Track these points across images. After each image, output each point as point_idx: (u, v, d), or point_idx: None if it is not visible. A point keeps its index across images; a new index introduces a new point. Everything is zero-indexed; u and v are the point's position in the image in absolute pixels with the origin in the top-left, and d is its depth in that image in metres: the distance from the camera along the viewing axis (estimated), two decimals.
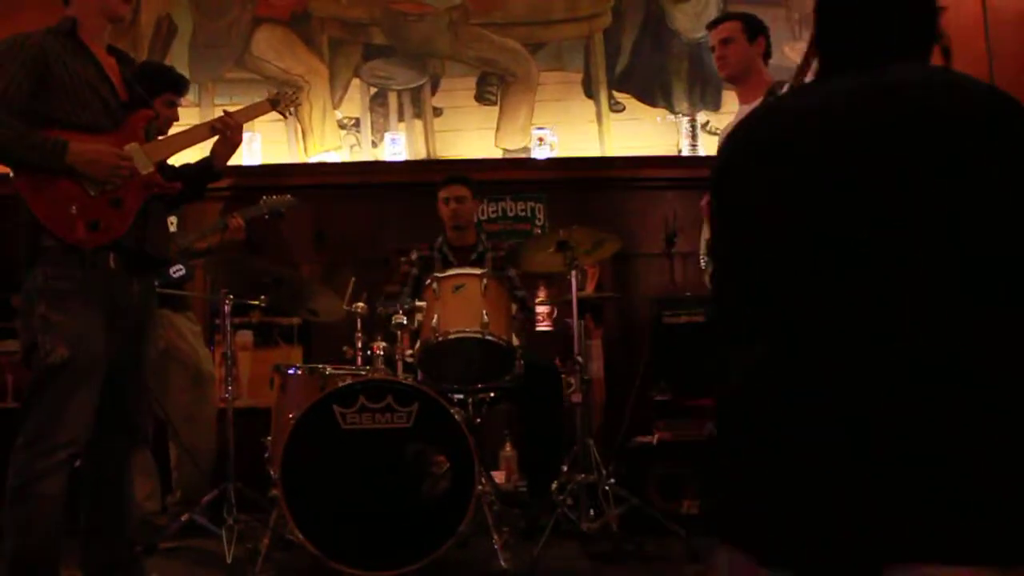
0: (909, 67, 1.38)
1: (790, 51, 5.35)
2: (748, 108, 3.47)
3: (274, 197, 4.20)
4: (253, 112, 3.20)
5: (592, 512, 3.61)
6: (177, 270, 4.04)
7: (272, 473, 3.32)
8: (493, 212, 5.09)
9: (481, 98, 5.33)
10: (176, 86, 3.72)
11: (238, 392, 4.50)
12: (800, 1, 5.54)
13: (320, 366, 3.55)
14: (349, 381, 3.30)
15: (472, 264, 4.11)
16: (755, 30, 3.55)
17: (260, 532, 3.40)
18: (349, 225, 5.04)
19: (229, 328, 3.73)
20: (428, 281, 3.56)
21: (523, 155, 5.21)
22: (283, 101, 3.21)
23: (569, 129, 5.26)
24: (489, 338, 3.40)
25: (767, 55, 3.59)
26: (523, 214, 5.11)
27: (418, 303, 3.53)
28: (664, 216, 4.90)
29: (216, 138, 3.02)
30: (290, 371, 3.63)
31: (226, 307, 3.71)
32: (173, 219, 3.99)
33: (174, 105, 3.69)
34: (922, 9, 1.43)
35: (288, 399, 3.55)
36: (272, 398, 3.64)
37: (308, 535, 3.09)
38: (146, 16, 5.29)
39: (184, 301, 4.18)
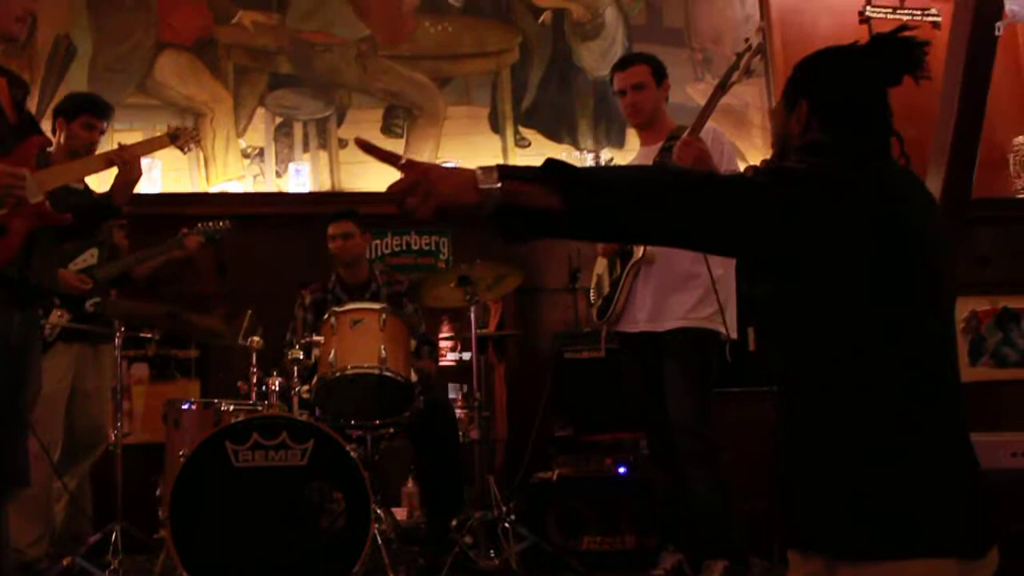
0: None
1: (692, 91, 5.49)
2: (649, 151, 3.54)
3: (210, 223, 4.09)
4: (150, 147, 3.13)
5: (492, 550, 3.60)
6: (93, 303, 3.89)
7: (160, 513, 3.22)
8: (398, 246, 5.07)
9: (387, 130, 5.32)
10: (94, 108, 3.65)
11: (131, 427, 4.37)
12: (702, 42, 5.70)
13: (215, 401, 3.47)
14: (242, 417, 3.23)
15: (367, 301, 4.06)
16: (661, 74, 3.61)
17: None
18: (252, 257, 4.95)
19: (119, 361, 3.62)
20: (326, 315, 3.52)
21: None
22: (182, 136, 3.15)
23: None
24: (387, 374, 3.38)
25: (667, 98, 3.67)
26: (428, 248, 5.10)
27: (315, 337, 3.48)
28: (568, 252, 4.94)
29: (115, 170, 2.94)
30: (183, 406, 3.54)
31: (117, 340, 3.60)
32: (94, 251, 3.87)
33: (93, 128, 3.62)
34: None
35: (181, 435, 3.46)
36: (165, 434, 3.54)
37: None
38: (43, 35, 5.13)
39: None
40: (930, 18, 5.91)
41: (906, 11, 5.94)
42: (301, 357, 3.48)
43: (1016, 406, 5.19)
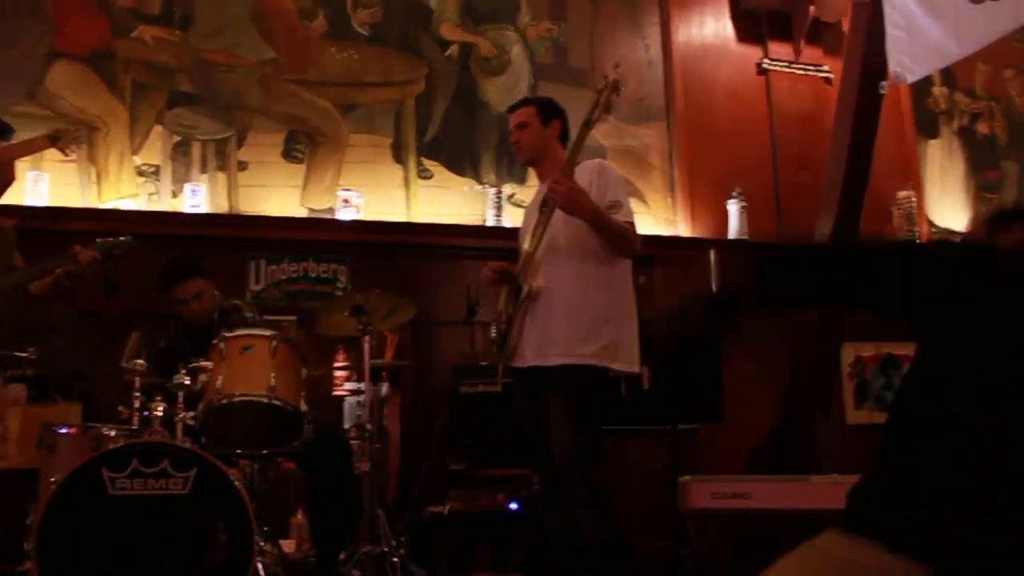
0: None
1: (594, 131, 5.56)
2: (542, 188, 3.58)
3: (109, 239, 3.89)
4: (28, 148, 3.02)
5: None
6: None
7: (26, 545, 3.05)
8: (295, 272, 4.98)
9: (288, 155, 5.24)
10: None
11: (3, 451, 4.15)
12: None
13: (95, 425, 3.33)
14: (122, 443, 3.11)
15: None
16: (549, 113, 3.64)
17: None
18: (142, 277, 4.78)
19: None
20: (215, 340, 3.43)
21: (328, 216, 5.15)
22: (64, 138, 3.05)
23: (376, 193, 5.25)
24: (276, 402, 3.30)
25: (564, 136, 3.71)
26: (325, 276, 5.03)
27: (203, 362, 3.38)
28: (467, 285, 4.94)
29: None
30: (60, 430, 3.39)
31: None
32: None
33: None
34: None
35: (57, 461, 3.30)
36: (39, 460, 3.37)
37: None
38: None
39: None
40: (822, 74, 6.19)
41: (800, 66, 6.20)
42: (187, 382, 3.37)
43: None
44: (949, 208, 6.51)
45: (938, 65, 5.09)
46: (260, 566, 3.13)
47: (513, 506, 3.94)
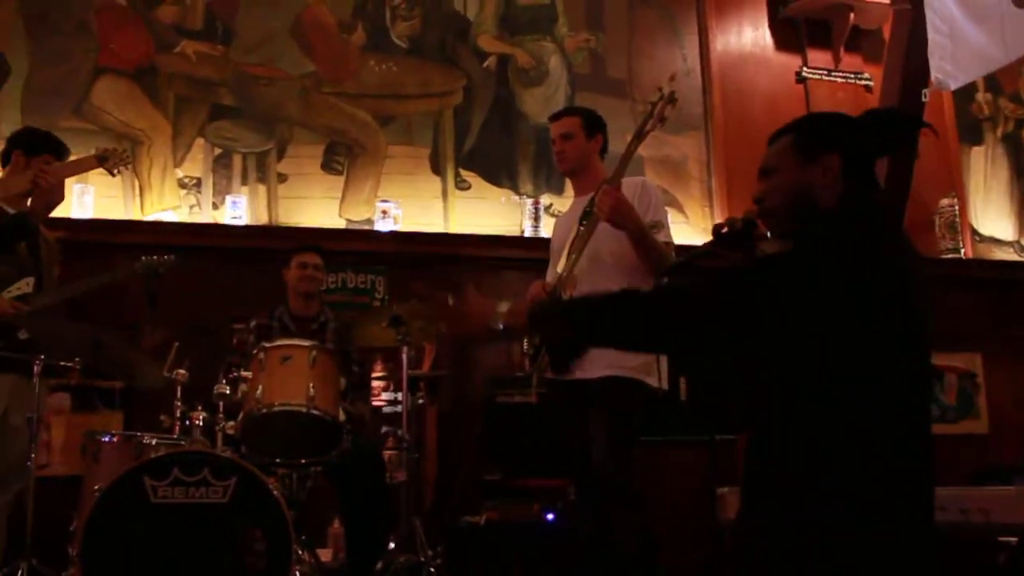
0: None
1: None
2: (582, 200, 3.58)
3: (153, 257, 3.98)
4: (78, 167, 3.09)
5: None
6: (24, 332, 3.75)
7: (71, 551, 3.10)
8: (333, 283, 5.02)
9: (327, 167, 5.29)
10: (57, 149, 3.60)
11: (48, 459, 4.23)
12: (644, 94, 5.79)
13: (137, 434, 3.38)
14: (163, 452, 3.15)
15: (312, 335, 4.01)
16: (594, 127, 3.65)
17: None
18: (184, 288, 4.85)
19: (38, 390, 3.50)
20: (255, 351, 3.47)
21: (367, 227, 5.18)
22: (112, 159, 3.11)
23: (414, 204, 5.29)
24: (315, 412, 3.33)
25: (604, 150, 3.71)
26: (363, 286, 5.07)
27: (243, 373, 3.42)
28: (503, 296, 4.94)
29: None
30: (103, 438, 3.44)
31: (36, 368, 3.48)
32: (30, 280, 3.74)
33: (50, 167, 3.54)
34: None
35: (100, 469, 3.35)
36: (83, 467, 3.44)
37: None
38: None
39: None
40: (862, 82, 6.12)
41: (840, 74, 6.15)
42: (227, 392, 3.41)
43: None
44: (993, 216, 6.41)
45: (983, 71, 5.02)
46: (298, 575, 3.15)
47: (549, 516, 3.94)
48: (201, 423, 3.36)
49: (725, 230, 2.06)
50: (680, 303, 1.87)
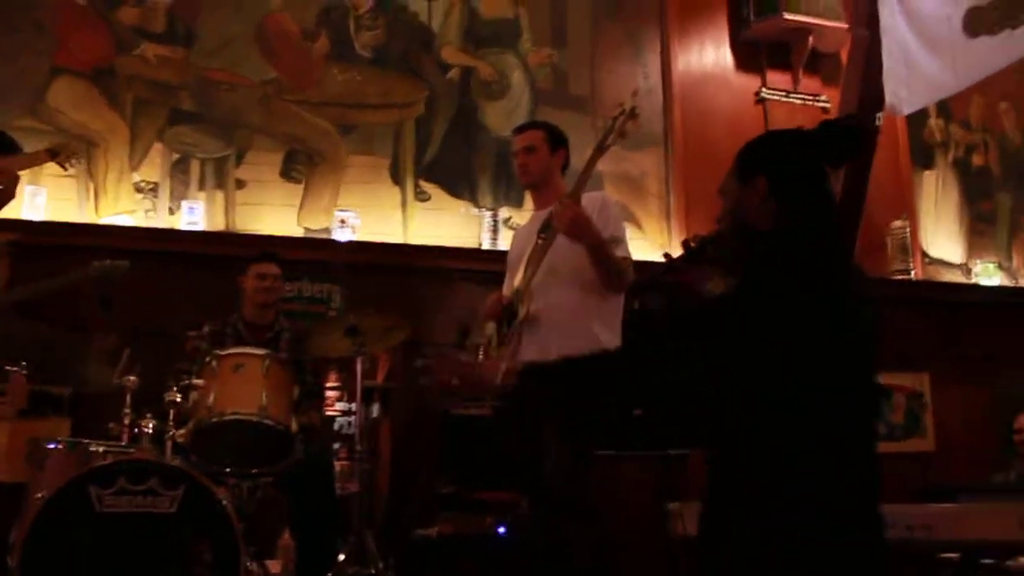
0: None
1: None
2: (541, 214, 3.59)
3: (107, 262, 3.92)
4: (29, 161, 3.04)
5: None
6: None
7: (9, 561, 3.04)
8: (289, 292, 4.96)
9: (287, 175, 5.26)
10: (9, 147, 3.51)
11: None
12: (604, 111, 5.83)
13: (84, 441, 3.32)
14: (110, 460, 3.10)
15: (267, 343, 3.96)
16: (557, 141, 3.67)
17: None
18: (138, 293, 4.78)
19: None
20: (207, 358, 3.44)
21: (325, 236, 5.16)
22: (63, 152, 3.06)
23: (373, 214, 5.27)
24: (267, 421, 3.30)
25: (565, 166, 3.73)
26: (319, 296, 5.03)
27: (195, 380, 3.39)
28: (459, 307, 4.95)
29: None
30: (49, 445, 3.38)
31: None
32: None
33: None
34: None
35: (44, 476, 3.29)
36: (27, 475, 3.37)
37: None
38: None
39: None
40: (820, 104, 6.22)
41: (798, 96, 6.24)
42: (178, 399, 3.37)
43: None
44: (943, 239, 6.54)
45: (935, 98, 5.15)
46: None
47: (501, 530, 3.94)
48: (151, 431, 3.32)
49: (691, 245, 2.14)
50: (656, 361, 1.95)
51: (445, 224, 5.40)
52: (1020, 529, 3.28)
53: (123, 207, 5.02)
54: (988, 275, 6.44)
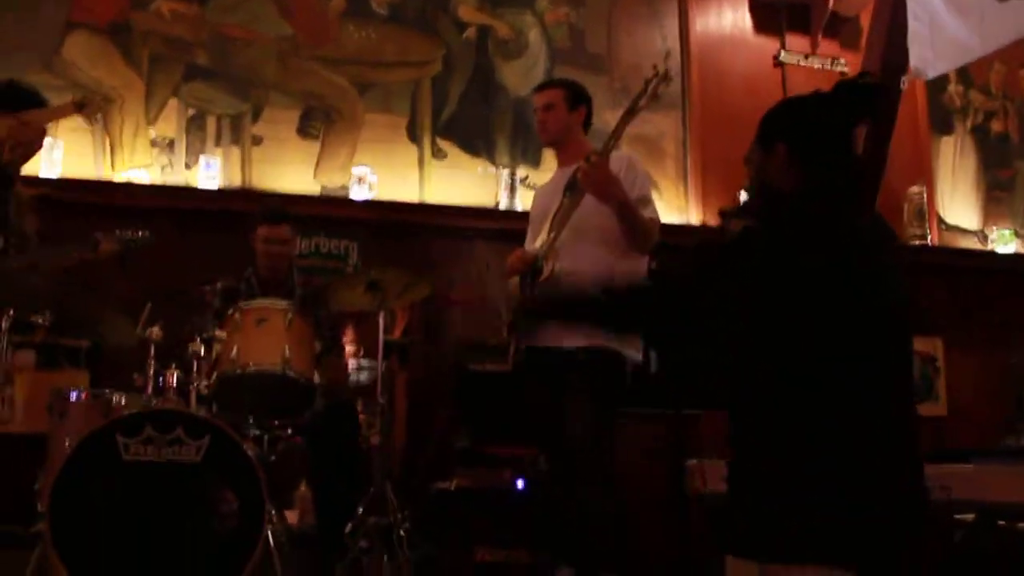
0: None
1: (609, 117, 5.56)
2: (565, 171, 3.59)
3: (129, 233, 3.89)
4: (56, 114, 3.04)
5: (386, 557, 3.55)
6: None
7: (39, 507, 3.07)
8: (306, 248, 4.99)
9: (303, 132, 5.25)
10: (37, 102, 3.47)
11: (11, 416, 4.17)
12: (622, 71, 5.81)
13: (106, 391, 3.34)
14: (136, 410, 3.12)
15: (275, 298, 3.95)
16: (577, 98, 3.66)
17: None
18: (155, 249, 4.79)
19: (4, 345, 3.45)
20: (231, 311, 3.44)
21: (342, 193, 5.15)
22: (90, 105, 3.05)
23: (390, 172, 5.26)
24: (290, 374, 3.32)
25: (587, 123, 3.72)
26: (336, 252, 5.04)
27: (218, 333, 3.40)
28: (479, 265, 4.97)
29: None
30: (71, 395, 3.39)
31: (3, 323, 3.43)
32: None
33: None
34: None
35: (67, 426, 3.30)
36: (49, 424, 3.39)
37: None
38: None
39: None
40: (839, 67, 6.18)
41: (817, 59, 6.20)
42: (202, 351, 3.38)
43: None
44: (960, 205, 6.51)
45: (960, 62, 5.09)
46: (270, 535, 3.15)
47: (519, 484, 3.97)
48: (175, 382, 3.34)
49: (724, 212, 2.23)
50: (660, 297, 1.93)
51: (462, 183, 5.39)
52: None
53: (139, 162, 5.02)
54: (1004, 242, 6.41)
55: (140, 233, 3.84)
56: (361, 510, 3.61)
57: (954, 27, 4.49)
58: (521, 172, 5.45)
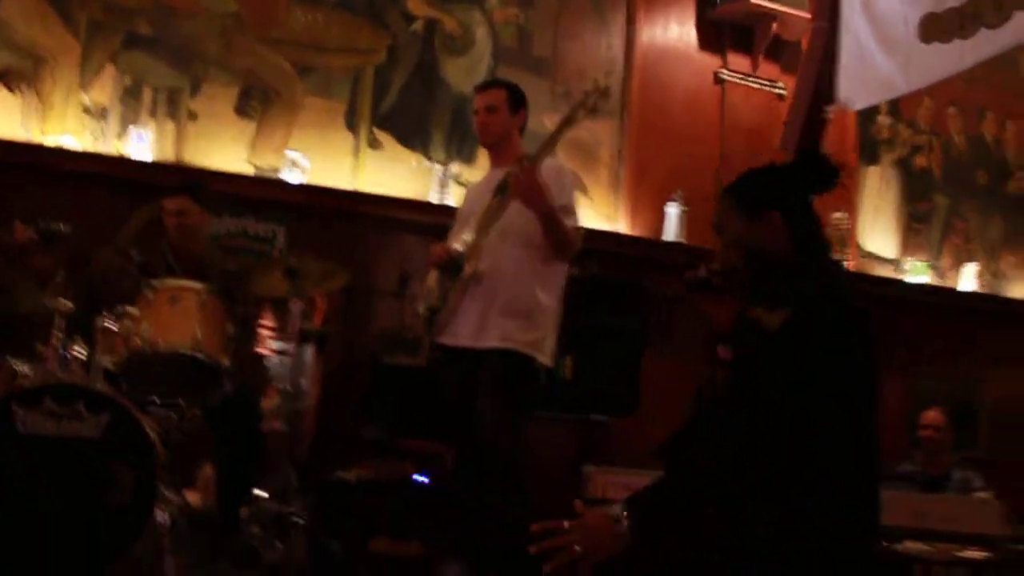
0: None
1: (548, 121, 5.62)
2: (497, 173, 3.66)
3: (51, 224, 3.83)
4: None
5: (278, 543, 3.58)
6: None
7: None
8: (234, 228, 4.98)
9: (241, 111, 5.22)
10: None
11: None
12: (566, 76, 5.87)
13: (9, 360, 3.32)
14: (38, 381, 3.12)
15: (196, 277, 3.95)
16: (518, 102, 3.74)
17: None
18: (80, 218, 4.73)
19: None
20: (144, 289, 3.45)
21: (274, 175, 5.15)
22: (10, 75, 3.02)
23: (324, 158, 5.25)
24: (199, 355, 3.34)
25: (523, 127, 3.80)
26: (264, 235, 5.03)
27: (129, 309, 3.40)
28: (400, 256, 5.01)
29: None
30: None
31: None
32: None
33: None
34: None
35: None
36: None
37: None
38: None
39: None
40: (777, 90, 6.32)
41: (756, 80, 6.33)
42: (111, 327, 3.38)
43: None
44: (880, 234, 6.72)
45: (885, 97, 5.27)
46: (162, 514, 3.17)
47: (421, 478, 4.03)
48: (80, 356, 3.33)
49: (700, 275, 2.34)
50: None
51: (396, 175, 5.40)
52: (911, 517, 3.48)
53: (70, 127, 4.94)
54: (917, 273, 6.63)
55: (60, 226, 3.82)
56: (259, 495, 3.64)
57: (881, 64, 4.64)
58: (455, 168, 5.48)
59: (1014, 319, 6.88)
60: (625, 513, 1.86)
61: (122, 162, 4.92)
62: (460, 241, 3.63)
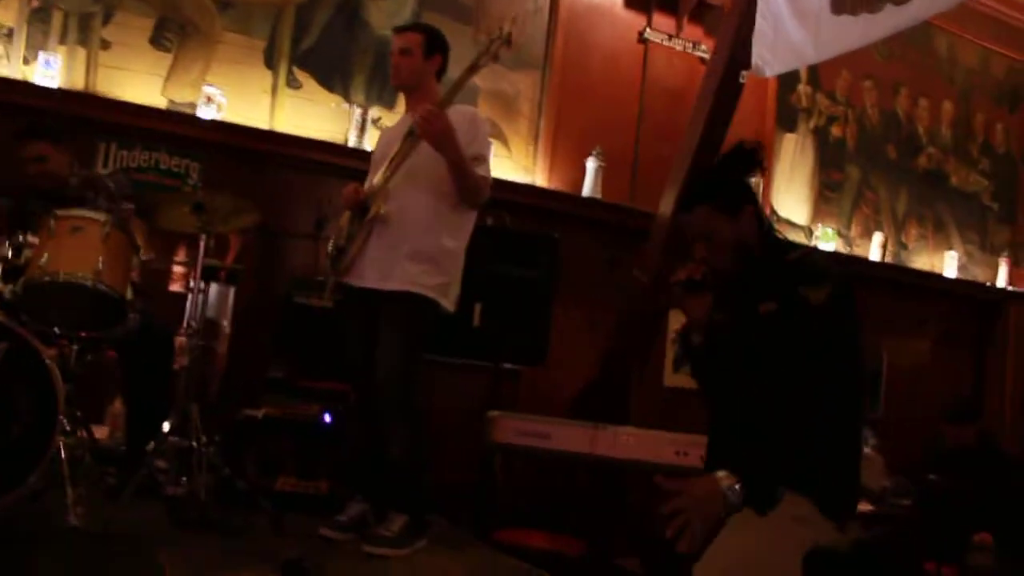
0: None
1: None
2: (410, 117, 3.66)
3: None
4: None
5: (184, 478, 3.59)
6: None
7: None
8: (145, 162, 4.88)
9: (156, 42, 5.08)
10: None
11: None
12: (489, 25, 5.84)
13: None
14: None
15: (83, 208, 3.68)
16: (434, 46, 3.73)
17: None
18: None
19: None
20: (46, 217, 3.38)
21: (189, 111, 5.04)
22: None
23: (241, 96, 5.16)
24: (101, 287, 3.29)
25: (442, 72, 3.78)
26: (176, 170, 4.94)
27: (30, 238, 3.34)
28: (319, 200, 4.98)
29: None
30: None
31: None
32: None
33: None
34: None
35: None
36: None
37: None
38: None
39: None
40: (699, 53, 6.41)
41: (680, 41, 6.40)
42: (10, 256, 3.31)
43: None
44: (793, 200, 6.91)
45: (795, 65, 5.37)
46: (62, 446, 3.14)
47: (326, 418, 4.06)
48: None
49: (695, 279, 2.48)
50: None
51: (314, 116, 5.34)
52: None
53: None
54: (827, 239, 6.85)
55: None
56: (166, 429, 3.62)
57: (794, 32, 4.74)
58: (374, 112, 5.45)
59: (914, 289, 7.18)
60: (738, 486, 2.03)
61: (29, 89, 4.75)
62: (371, 183, 3.64)
